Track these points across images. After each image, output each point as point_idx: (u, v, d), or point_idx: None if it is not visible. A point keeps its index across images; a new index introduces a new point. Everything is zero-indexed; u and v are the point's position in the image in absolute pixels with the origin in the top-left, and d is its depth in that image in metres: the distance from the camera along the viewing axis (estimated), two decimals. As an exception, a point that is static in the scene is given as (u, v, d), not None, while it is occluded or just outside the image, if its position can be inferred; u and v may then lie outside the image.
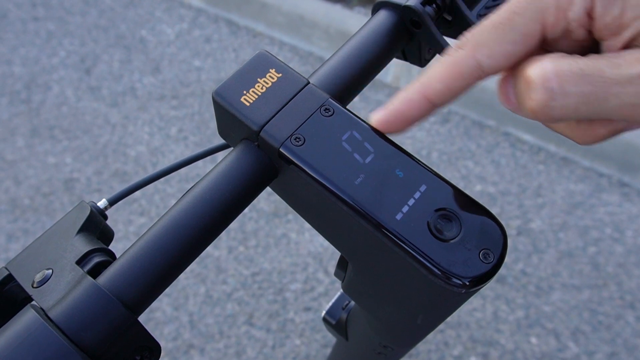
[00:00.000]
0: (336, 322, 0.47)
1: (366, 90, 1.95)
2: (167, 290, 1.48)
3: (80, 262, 0.27)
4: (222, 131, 0.31)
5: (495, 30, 0.25)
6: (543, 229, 1.58)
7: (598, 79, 0.23)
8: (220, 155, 1.74)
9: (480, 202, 0.28)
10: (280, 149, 0.28)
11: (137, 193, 1.69)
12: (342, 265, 0.34)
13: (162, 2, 2.32)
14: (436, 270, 0.25)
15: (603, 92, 0.23)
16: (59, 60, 2.10)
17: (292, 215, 1.63)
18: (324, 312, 0.47)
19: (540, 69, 0.24)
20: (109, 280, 0.26)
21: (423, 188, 0.27)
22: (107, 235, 0.31)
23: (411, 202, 0.27)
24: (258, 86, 0.29)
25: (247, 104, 0.29)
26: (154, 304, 1.44)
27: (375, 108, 2.06)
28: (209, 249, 1.56)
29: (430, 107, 0.27)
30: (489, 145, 1.79)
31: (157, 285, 0.27)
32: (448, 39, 0.33)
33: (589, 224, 1.59)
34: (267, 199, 1.66)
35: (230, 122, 0.29)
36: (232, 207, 0.28)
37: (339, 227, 0.29)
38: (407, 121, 0.27)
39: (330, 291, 1.49)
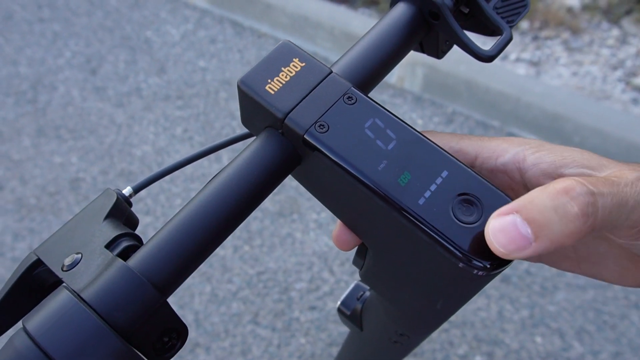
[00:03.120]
0: (351, 312, 0.48)
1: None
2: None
3: (109, 246, 0.28)
4: (246, 120, 0.32)
5: None
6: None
7: (616, 184, 0.26)
8: (233, 147, 1.74)
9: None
10: (305, 136, 0.28)
11: (143, 193, 1.69)
12: (361, 252, 0.34)
13: (167, 3, 2.34)
14: (458, 253, 0.26)
15: (624, 194, 0.25)
16: (64, 61, 2.11)
17: (297, 215, 1.64)
18: (338, 303, 0.48)
19: (573, 180, 0.25)
20: (139, 262, 0.27)
21: (445, 173, 0.28)
22: (132, 222, 0.32)
23: (433, 187, 0.27)
24: (282, 75, 0.30)
25: (272, 92, 0.29)
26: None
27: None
28: (214, 248, 1.57)
29: None
30: (493, 145, 1.80)
31: (185, 268, 0.27)
32: (465, 31, 0.33)
33: (594, 224, 1.59)
34: (272, 199, 1.67)
35: (254, 110, 0.30)
36: (256, 193, 0.29)
37: (361, 212, 0.30)
38: None
39: (336, 290, 1.49)
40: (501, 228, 0.25)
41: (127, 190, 0.33)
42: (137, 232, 0.30)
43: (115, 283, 0.25)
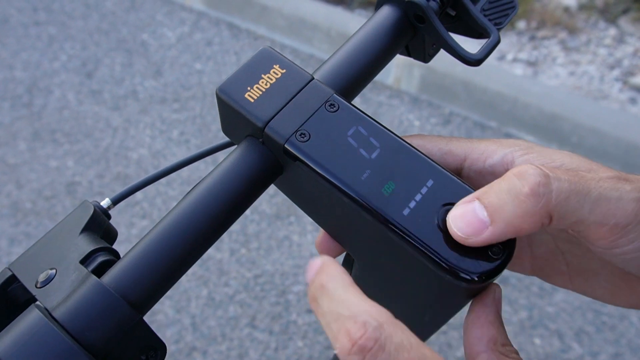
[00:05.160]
0: None
1: (367, 92, 1.95)
2: (169, 292, 1.48)
3: (85, 261, 0.27)
4: (226, 128, 0.31)
5: None
6: (546, 230, 1.57)
7: (580, 175, 0.25)
8: (223, 154, 1.74)
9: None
10: (285, 145, 0.28)
11: (139, 196, 1.69)
12: (347, 263, 0.33)
13: (163, 5, 2.33)
14: (444, 266, 0.25)
15: (586, 183, 0.25)
16: (60, 64, 2.10)
17: (294, 217, 1.63)
18: None
19: (528, 165, 0.25)
20: (114, 279, 0.26)
21: (430, 183, 0.27)
22: (110, 235, 0.31)
23: (418, 197, 0.26)
24: (262, 82, 0.29)
25: (252, 100, 0.29)
26: (156, 306, 1.44)
27: (377, 110, 2.04)
28: (210, 251, 1.56)
29: None
30: (491, 146, 1.79)
31: (163, 284, 0.26)
32: (452, 34, 0.33)
33: (592, 224, 1.58)
34: (269, 202, 1.66)
35: (234, 118, 0.29)
36: (236, 205, 0.28)
37: (345, 223, 0.29)
38: None
39: (333, 293, 1.48)
40: (461, 214, 0.25)
41: (105, 202, 0.32)
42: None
43: (89, 301, 0.25)
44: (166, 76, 2.05)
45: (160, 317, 1.44)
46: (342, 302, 0.22)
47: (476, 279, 0.25)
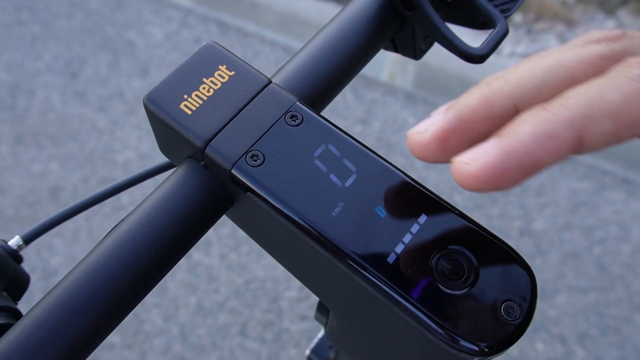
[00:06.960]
0: None
1: (360, 88, 1.89)
2: (156, 300, 1.42)
3: None
4: (163, 147, 0.25)
5: None
6: (546, 230, 1.52)
7: None
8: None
9: (492, 230, 0.22)
10: (232, 171, 0.22)
11: (125, 199, 1.63)
12: (322, 309, 0.27)
13: (150, 3, 2.26)
14: (440, 331, 0.19)
15: None
16: (44, 65, 2.04)
17: (286, 220, 1.58)
18: (308, 351, 0.41)
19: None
20: (2, 356, 0.20)
21: (422, 219, 0.21)
22: (18, 284, 0.24)
23: (407, 238, 0.20)
24: (203, 88, 0.23)
25: (189, 112, 0.23)
26: (143, 315, 1.38)
27: (370, 107, 1.99)
28: (199, 256, 1.50)
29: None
30: (489, 143, 1.74)
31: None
32: (448, 25, 0.27)
33: (594, 223, 1.54)
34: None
35: (168, 135, 0.23)
36: (174, 246, 0.22)
37: (314, 270, 0.23)
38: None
39: (327, 299, 1.43)
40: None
41: (14, 242, 0.25)
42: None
43: None
44: (153, 75, 1.99)
45: (148, 326, 1.38)
46: None
47: (485, 349, 0.19)
